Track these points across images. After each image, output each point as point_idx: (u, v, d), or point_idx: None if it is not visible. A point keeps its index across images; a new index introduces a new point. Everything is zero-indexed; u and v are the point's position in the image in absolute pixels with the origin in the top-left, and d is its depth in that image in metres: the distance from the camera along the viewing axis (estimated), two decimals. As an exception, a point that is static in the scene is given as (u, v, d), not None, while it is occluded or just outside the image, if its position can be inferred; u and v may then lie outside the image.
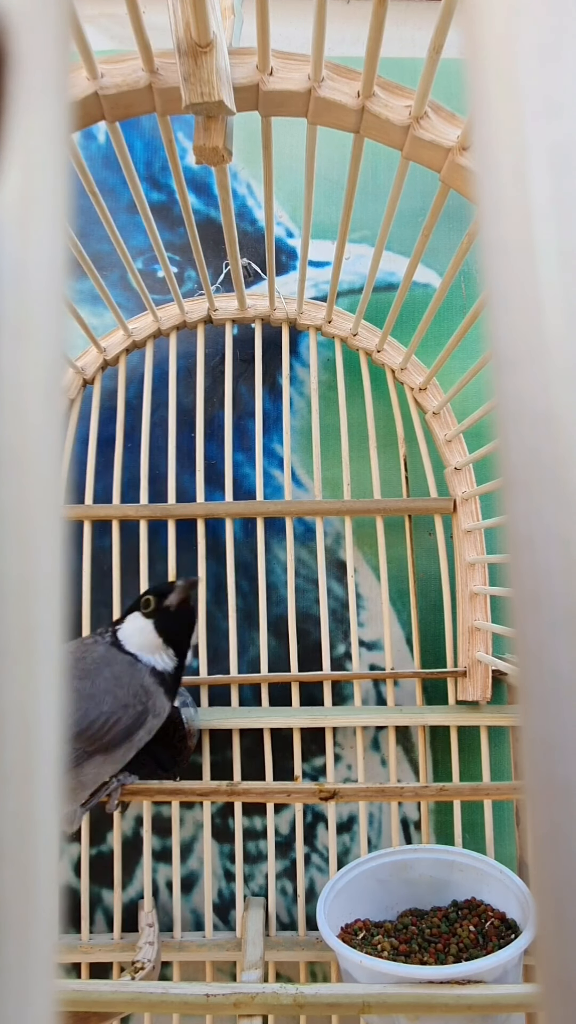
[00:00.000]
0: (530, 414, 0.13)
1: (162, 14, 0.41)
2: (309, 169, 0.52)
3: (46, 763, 0.12)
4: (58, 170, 0.14)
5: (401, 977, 0.52)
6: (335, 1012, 0.52)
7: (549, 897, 0.12)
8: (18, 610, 0.12)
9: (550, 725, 0.12)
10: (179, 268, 0.89)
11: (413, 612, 0.81)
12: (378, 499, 0.82)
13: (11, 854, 0.11)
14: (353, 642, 0.81)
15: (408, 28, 0.90)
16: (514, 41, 0.13)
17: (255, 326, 0.85)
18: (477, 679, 0.76)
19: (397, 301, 0.67)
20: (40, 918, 0.12)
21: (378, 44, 0.40)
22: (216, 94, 0.41)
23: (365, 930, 0.65)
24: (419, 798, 0.59)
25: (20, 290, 0.13)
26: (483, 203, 0.14)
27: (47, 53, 0.13)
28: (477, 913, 0.67)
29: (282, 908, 0.79)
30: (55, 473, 0.13)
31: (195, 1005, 0.49)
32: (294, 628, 0.80)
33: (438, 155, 0.47)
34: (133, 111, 0.47)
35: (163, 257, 0.64)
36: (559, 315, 0.13)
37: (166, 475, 0.83)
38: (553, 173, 0.13)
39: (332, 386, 0.86)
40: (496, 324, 0.13)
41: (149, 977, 0.66)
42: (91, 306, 0.86)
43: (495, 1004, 0.50)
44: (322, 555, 0.81)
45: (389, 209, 0.54)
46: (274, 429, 0.86)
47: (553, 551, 0.12)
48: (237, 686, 0.80)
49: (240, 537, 0.84)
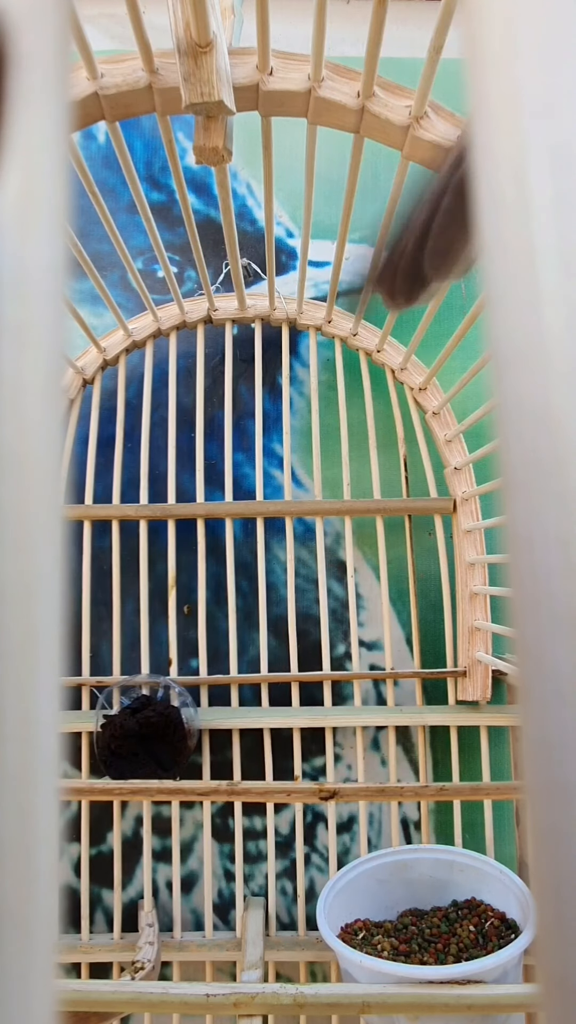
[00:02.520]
0: (530, 414, 0.13)
1: (162, 14, 0.41)
2: (309, 169, 0.52)
3: (46, 763, 0.12)
4: (58, 170, 0.14)
5: (401, 977, 0.52)
6: (335, 1012, 0.52)
7: (549, 897, 0.12)
8: (18, 610, 0.12)
9: (550, 725, 0.12)
10: (179, 268, 0.89)
11: (413, 612, 0.81)
12: (378, 499, 0.82)
13: (11, 854, 0.11)
14: (353, 642, 0.81)
15: (408, 28, 0.90)
16: (514, 41, 0.13)
17: (255, 326, 0.85)
18: (477, 679, 0.76)
19: (397, 301, 0.67)
20: (40, 918, 0.12)
21: (378, 44, 0.40)
22: (216, 94, 0.41)
23: (365, 930, 0.65)
24: (419, 798, 0.59)
25: (20, 290, 0.13)
26: (483, 203, 0.14)
27: (47, 53, 0.13)
28: (477, 913, 0.67)
29: (282, 908, 0.79)
30: (55, 473, 0.13)
31: (195, 1005, 0.49)
32: (294, 628, 0.80)
33: (438, 155, 0.47)
34: (133, 111, 0.47)
35: (163, 257, 0.64)
36: (559, 315, 0.13)
37: (166, 475, 0.83)
38: (553, 173, 0.13)
39: (332, 386, 0.86)
40: (496, 324, 0.13)
41: (149, 977, 0.66)
42: (91, 306, 0.86)
43: (495, 1004, 0.50)
44: (322, 555, 0.81)
45: (389, 209, 0.54)
46: (274, 429, 0.86)
47: (553, 551, 0.12)
48: (237, 686, 0.80)
49: (240, 537, 0.84)
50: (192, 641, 0.81)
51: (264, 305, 0.83)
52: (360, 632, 0.83)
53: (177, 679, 0.78)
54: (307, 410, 0.86)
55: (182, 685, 0.78)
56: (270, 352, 0.86)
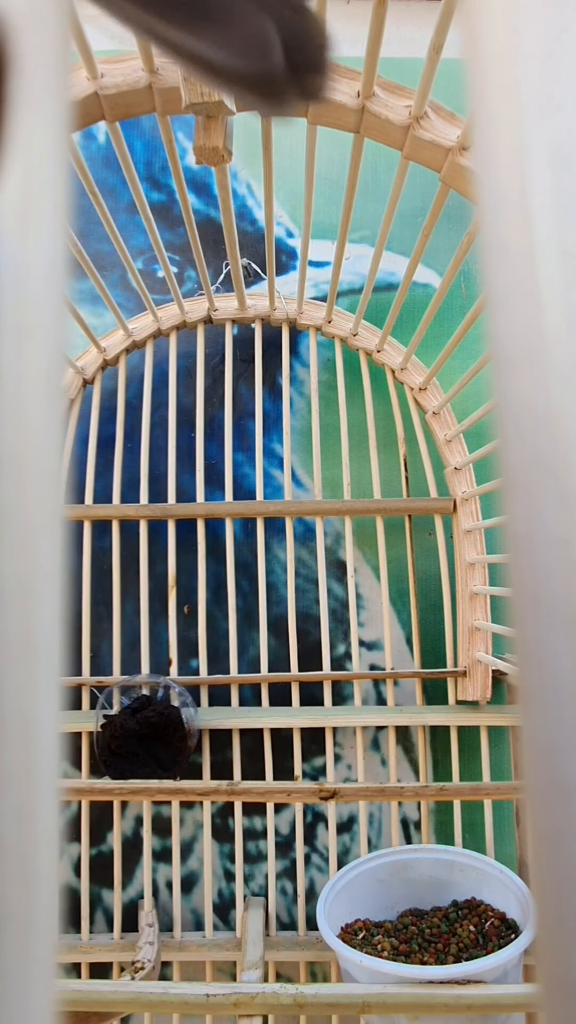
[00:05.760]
0: (530, 414, 0.13)
1: (162, 14, 0.41)
2: (309, 169, 0.52)
3: (46, 763, 0.12)
4: (58, 170, 0.14)
5: (401, 977, 0.52)
6: (335, 1012, 0.52)
7: (549, 897, 0.12)
8: (18, 610, 0.12)
9: (550, 725, 0.12)
10: (179, 268, 0.89)
11: (413, 612, 0.81)
12: (378, 499, 0.82)
13: (11, 854, 0.11)
14: (353, 642, 0.81)
15: (408, 28, 0.90)
16: (514, 41, 0.13)
17: (255, 326, 0.85)
18: (477, 679, 0.76)
19: (397, 301, 0.67)
20: (40, 918, 0.12)
21: (378, 44, 0.40)
22: (216, 94, 0.41)
23: (365, 930, 0.65)
24: (419, 798, 0.59)
25: (20, 290, 0.13)
26: (483, 203, 0.14)
27: (47, 53, 0.13)
28: (477, 913, 0.67)
29: (282, 908, 0.79)
30: (55, 473, 0.13)
31: (195, 1005, 0.49)
32: (294, 628, 0.80)
33: (438, 155, 0.47)
34: (133, 111, 0.47)
35: (163, 257, 0.64)
36: (559, 315, 0.13)
37: (166, 475, 0.83)
38: (553, 173, 0.13)
39: (332, 386, 0.86)
40: (496, 324, 0.13)
41: (149, 977, 0.66)
42: (91, 306, 0.86)
43: (495, 1004, 0.49)
44: (322, 555, 0.81)
45: (389, 209, 0.54)
46: (274, 429, 0.86)
47: (553, 551, 0.12)
48: (237, 686, 0.80)
49: (240, 537, 0.84)
50: (192, 641, 0.81)
51: (264, 305, 0.83)
52: (360, 632, 0.83)
53: (177, 679, 0.78)
54: (307, 410, 0.86)
55: (182, 685, 0.78)
56: (270, 352, 0.86)
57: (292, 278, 0.87)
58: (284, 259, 0.90)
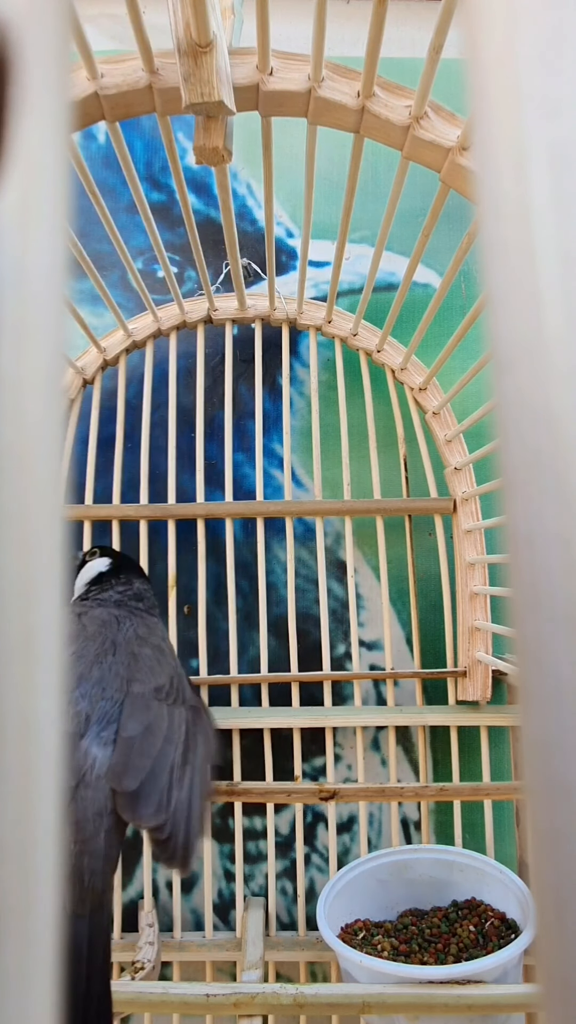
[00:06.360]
0: (530, 414, 0.13)
1: (162, 14, 0.41)
2: (309, 169, 0.52)
3: (46, 763, 0.12)
4: (58, 170, 0.14)
5: (401, 977, 0.52)
6: (335, 1012, 0.52)
7: (549, 897, 0.12)
8: (18, 610, 0.12)
9: (550, 725, 0.12)
10: (179, 268, 0.89)
11: (413, 612, 0.81)
12: (378, 499, 0.82)
13: (11, 854, 0.11)
14: (353, 642, 0.81)
15: (408, 28, 0.90)
16: (514, 41, 0.13)
17: (255, 326, 0.85)
18: (477, 679, 0.76)
19: (397, 301, 0.67)
20: (40, 917, 0.12)
21: (378, 44, 0.40)
22: (216, 94, 0.41)
23: (365, 930, 0.65)
24: (419, 798, 0.59)
25: (20, 290, 0.13)
26: (483, 203, 0.14)
27: (47, 53, 0.13)
28: (477, 913, 0.67)
29: (282, 908, 0.79)
30: (55, 473, 0.13)
31: (195, 1005, 0.49)
32: (294, 628, 0.80)
33: (438, 155, 0.47)
34: (133, 111, 0.47)
35: (163, 257, 0.64)
36: (559, 315, 0.13)
37: (166, 475, 0.83)
38: (553, 173, 0.13)
39: (332, 386, 0.86)
40: (496, 324, 0.13)
41: (149, 977, 0.66)
42: (91, 306, 0.86)
43: (495, 1004, 0.50)
44: (322, 555, 0.81)
45: (389, 209, 0.54)
46: (274, 429, 0.86)
47: (553, 551, 0.12)
48: (237, 686, 0.80)
49: (240, 537, 0.84)
50: (192, 641, 0.81)
51: (264, 305, 0.83)
52: (360, 632, 0.83)
53: (177, 679, 0.78)
54: (307, 410, 0.86)
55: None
56: (270, 352, 0.86)
57: (292, 278, 0.87)
58: (284, 259, 0.90)
